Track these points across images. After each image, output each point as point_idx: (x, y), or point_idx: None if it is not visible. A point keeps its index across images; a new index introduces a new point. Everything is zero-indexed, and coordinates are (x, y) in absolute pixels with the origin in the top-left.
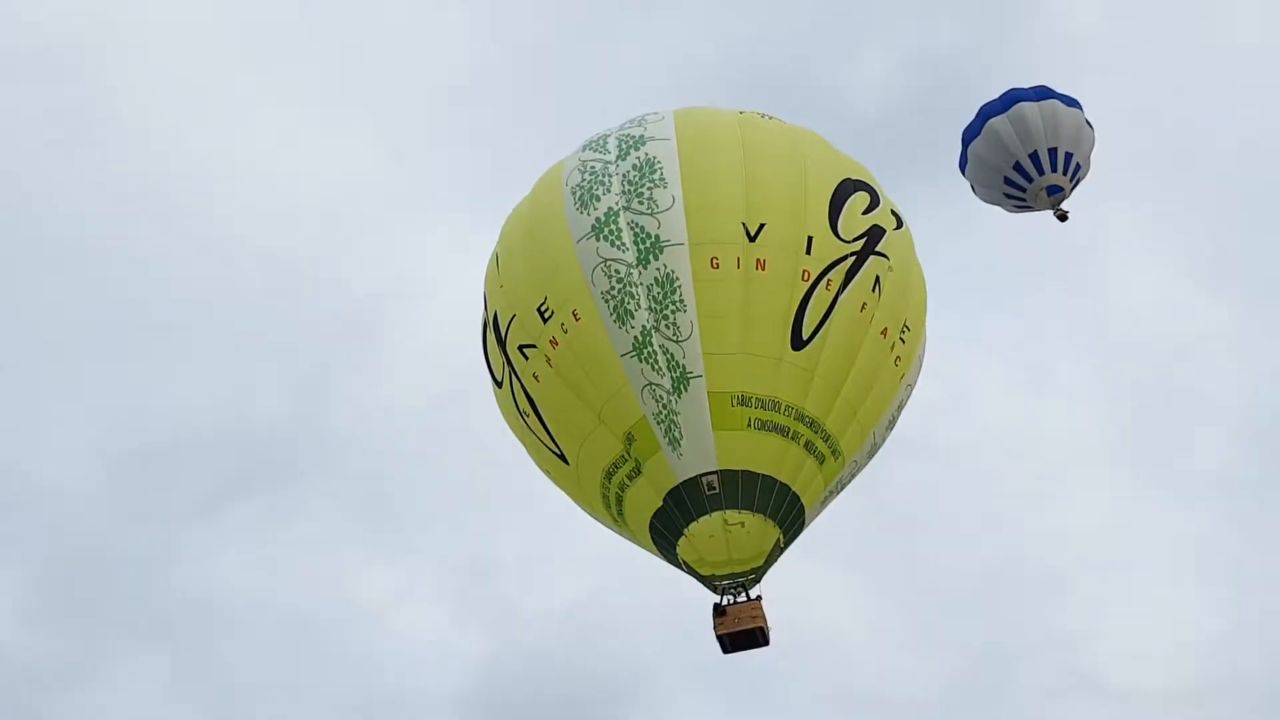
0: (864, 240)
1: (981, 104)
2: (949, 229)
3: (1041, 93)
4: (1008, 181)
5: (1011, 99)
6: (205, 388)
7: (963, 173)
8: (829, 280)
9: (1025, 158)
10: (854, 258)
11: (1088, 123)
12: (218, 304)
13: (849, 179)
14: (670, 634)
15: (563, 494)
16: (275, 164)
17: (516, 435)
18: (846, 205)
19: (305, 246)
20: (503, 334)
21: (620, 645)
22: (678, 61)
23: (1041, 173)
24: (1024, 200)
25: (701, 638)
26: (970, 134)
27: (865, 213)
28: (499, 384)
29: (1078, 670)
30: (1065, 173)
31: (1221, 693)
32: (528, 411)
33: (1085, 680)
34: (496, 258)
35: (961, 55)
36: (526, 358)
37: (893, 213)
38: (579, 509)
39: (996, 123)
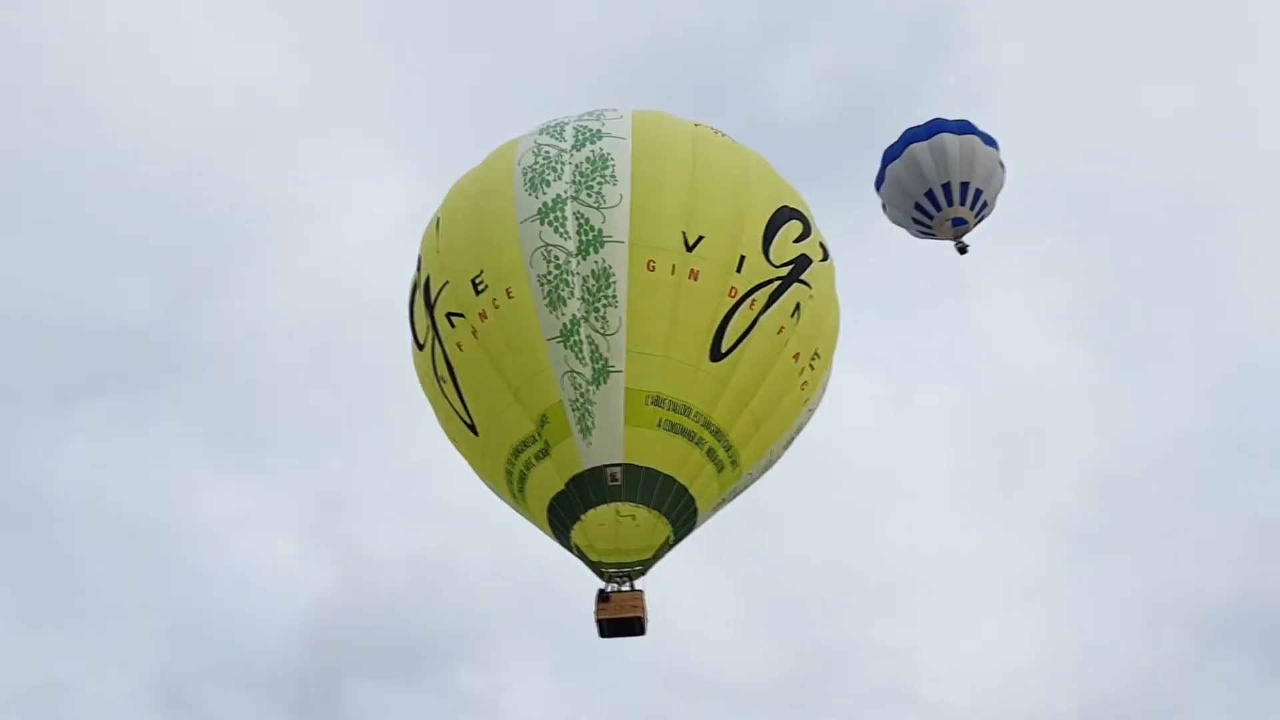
0: (791, 267)
1: (907, 127)
2: (848, 240)
3: (964, 127)
4: (918, 207)
5: (935, 128)
6: (76, 277)
7: (877, 190)
8: (754, 300)
9: (939, 187)
10: (780, 282)
11: (1000, 164)
12: (104, 194)
13: (786, 206)
14: (512, 592)
15: (446, 448)
16: (189, 59)
17: (429, 399)
18: (780, 231)
19: (206, 150)
20: (432, 298)
21: (462, 597)
22: (612, 40)
23: (951, 204)
24: (929, 228)
25: (541, 598)
26: (891, 154)
27: (796, 241)
28: (420, 346)
29: (895, 680)
30: (972, 208)
31: (1024, 716)
32: (445, 378)
33: (900, 691)
34: (437, 222)
35: (886, 75)
36: (453, 325)
37: (821, 244)
38: (476, 479)
39: (918, 148)
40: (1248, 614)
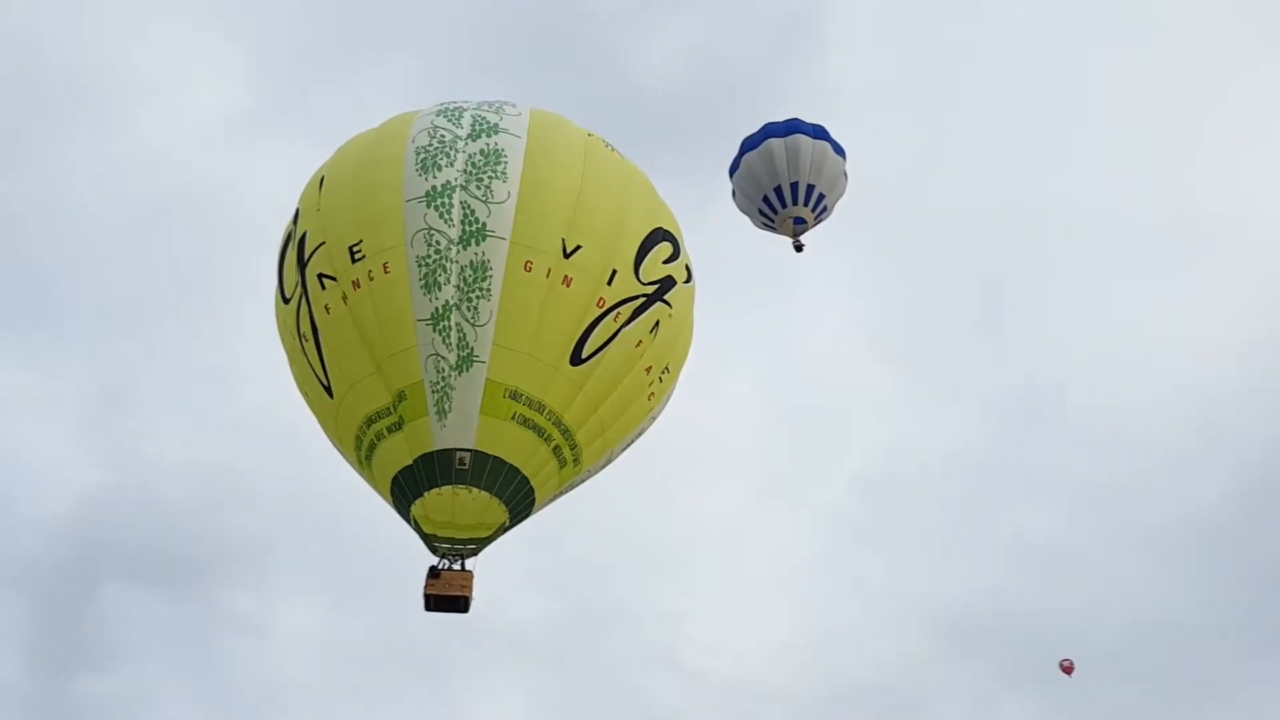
0: (657, 287)
1: (767, 121)
2: (692, 219)
3: (819, 132)
4: (765, 200)
5: (793, 127)
6: None
7: (731, 176)
8: (618, 313)
9: (788, 184)
10: (645, 299)
11: (845, 174)
12: None
13: (660, 228)
14: (296, 518)
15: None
16: None
17: (286, 352)
18: (652, 252)
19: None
20: (306, 256)
21: (242, 515)
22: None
23: (796, 203)
24: (772, 222)
25: (326, 528)
26: (749, 145)
27: (665, 262)
28: (286, 300)
29: (664, 646)
30: (814, 210)
31: (777, 693)
32: (307, 336)
33: (667, 656)
34: (321, 180)
35: (746, 65)
36: (324, 287)
37: (686, 267)
38: (323, 431)
39: (775, 144)
40: (986, 621)
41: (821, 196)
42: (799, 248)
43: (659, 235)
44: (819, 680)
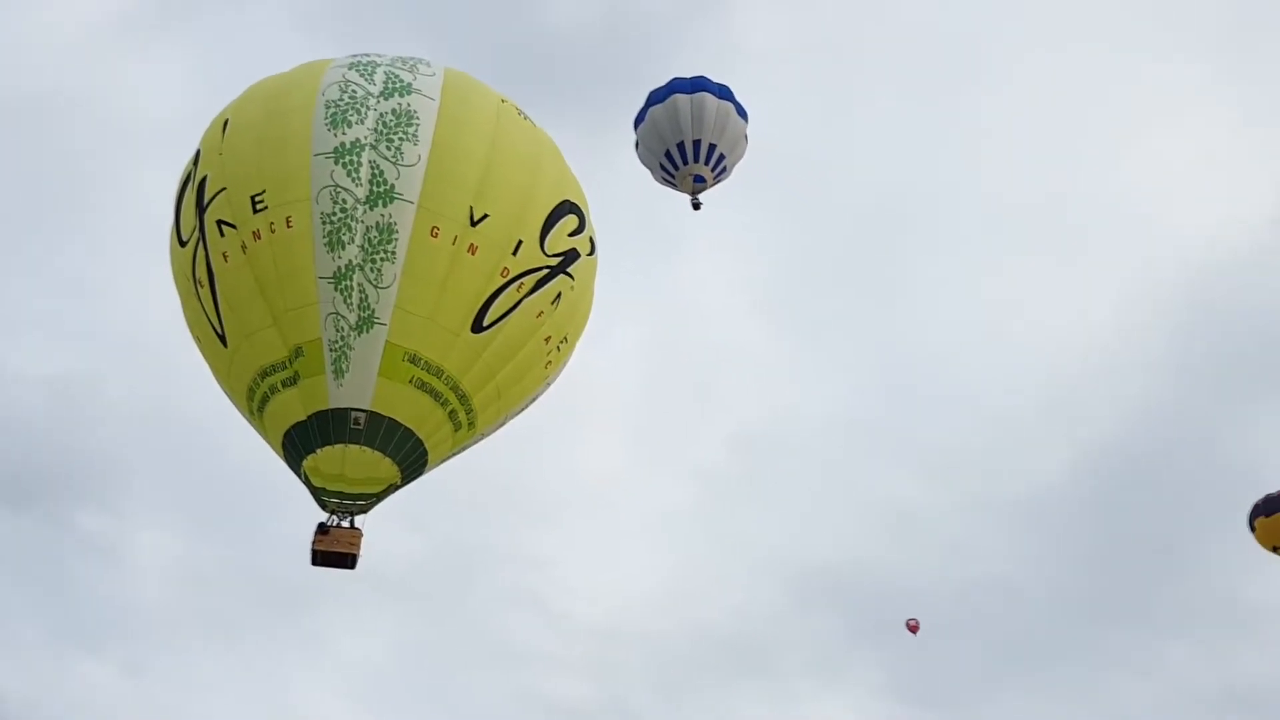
0: (561, 259)
1: (673, 77)
2: (591, 168)
3: (724, 92)
4: (667, 155)
5: (699, 85)
6: None
7: (635, 127)
8: (521, 283)
9: (690, 142)
10: (548, 271)
11: (746, 136)
12: None
13: (568, 200)
14: (155, 439)
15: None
16: None
17: (180, 295)
18: (558, 224)
19: None
20: (205, 200)
21: (99, 433)
22: None
23: (697, 160)
24: (672, 178)
25: (187, 451)
26: (655, 98)
27: (571, 235)
28: (182, 243)
29: (529, 588)
30: (714, 169)
31: (639, 638)
32: (203, 282)
33: (532, 598)
34: (225, 123)
35: (655, 23)
36: (222, 234)
37: (591, 239)
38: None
39: (681, 100)
40: (842, 579)
41: (722, 157)
42: (697, 206)
43: (566, 207)
44: (679, 627)
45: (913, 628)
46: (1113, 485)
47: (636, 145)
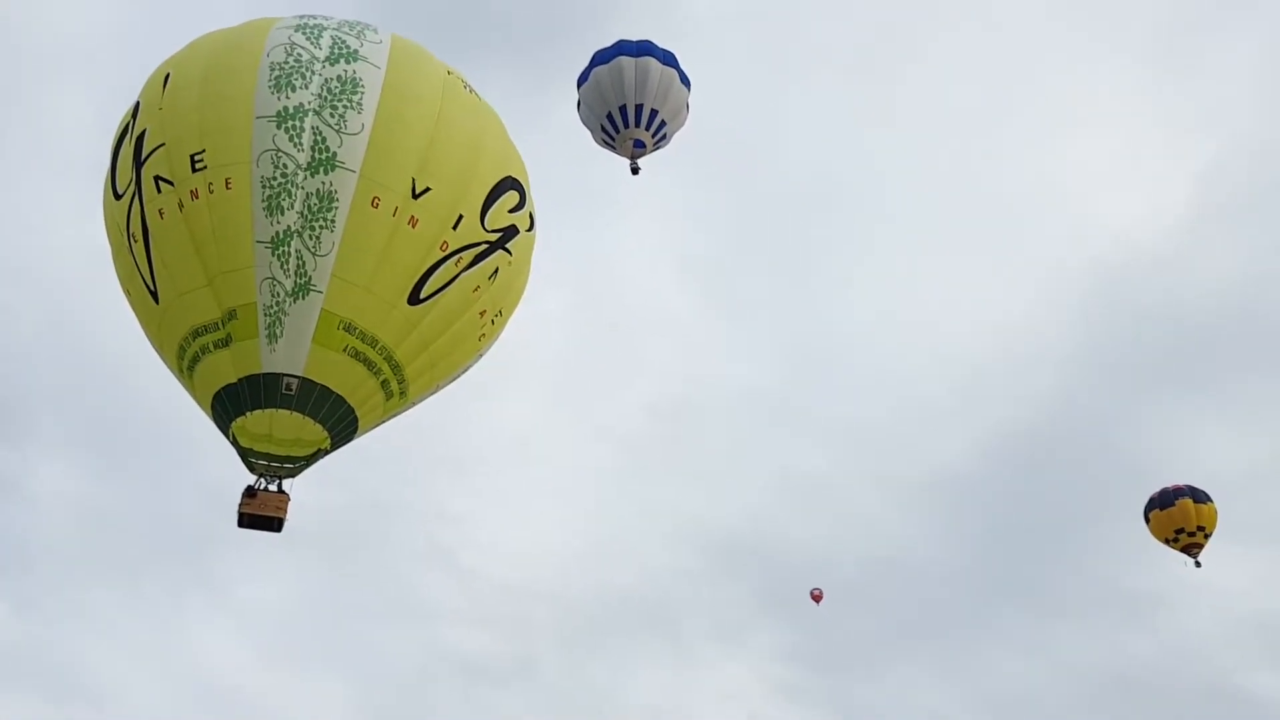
0: (500, 235)
1: (620, 39)
2: (527, 125)
3: (669, 58)
4: (609, 117)
5: (645, 49)
6: None
7: (579, 87)
8: (460, 258)
9: (633, 105)
10: (487, 246)
11: (687, 105)
12: None
13: (510, 177)
14: (60, 371)
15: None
16: None
17: (112, 248)
18: (499, 200)
19: None
20: (143, 155)
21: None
22: None
23: (639, 125)
24: (612, 140)
25: (93, 384)
26: (600, 58)
27: (511, 211)
28: (118, 196)
29: (440, 543)
30: (654, 135)
31: (548, 596)
32: (137, 237)
33: (442, 553)
34: (166, 77)
35: None
36: (159, 191)
37: (530, 215)
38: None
39: (625, 62)
40: (749, 546)
41: (663, 124)
42: (635, 170)
43: (507, 183)
44: (589, 588)
45: (816, 597)
46: (1015, 471)
47: (578, 104)
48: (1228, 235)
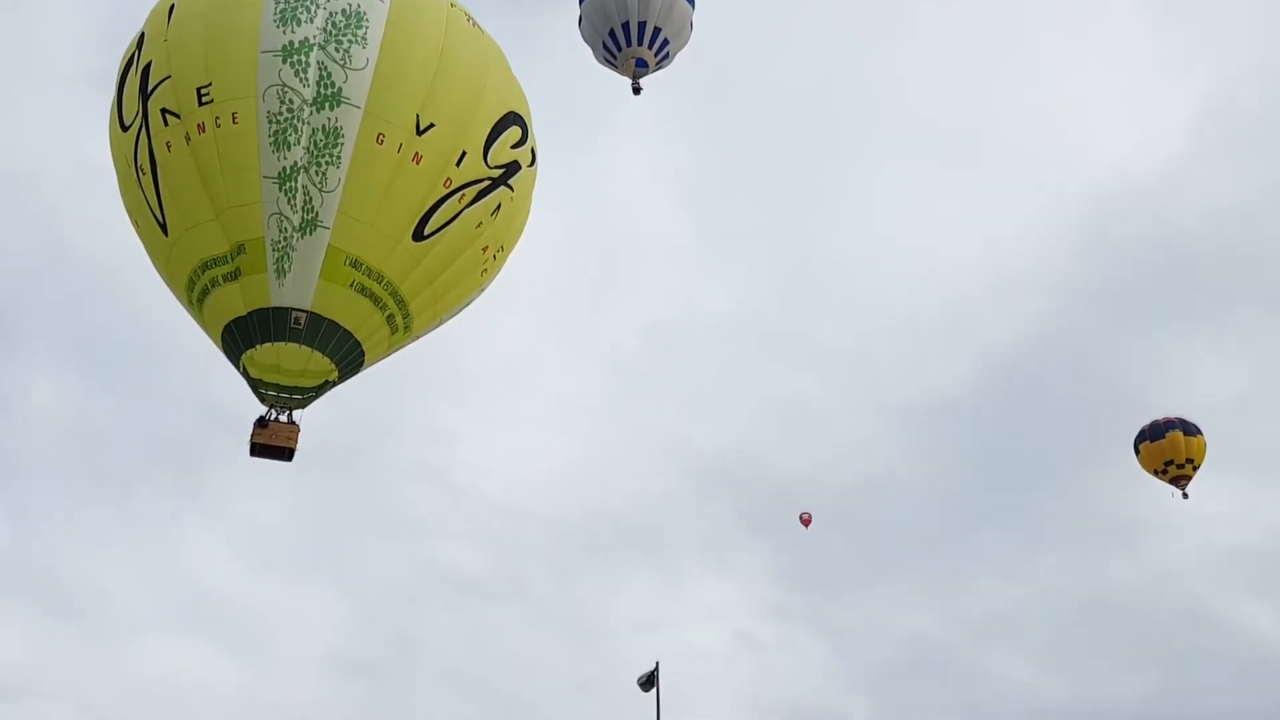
0: (503, 171)
1: None
2: (525, 42)
3: None
4: (611, 34)
5: None
6: None
7: (580, 2)
8: (463, 194)
9: (635, 23)
10: (490, 183)
11: (691, 24)
12: None
13: (512, 112)
14: (52, 286)
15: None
16: None
17: (119, 179)
18: (502, 136)
19: None
20: (150, 87)
21: None
22: None
23: (641, 43)
24: (614, 59)
25: (86, 299)
26: None
27: (514, 146)
28: (125, 127)
29: (433, 462)
30: (656, 54)
31: (538, 515)
32: (145, 169)
33: (435, 472)
34: (171, 8)
35: None
36: (166, 124)
37: (532, 150)
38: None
39: None
40: (734, 468)
41: (666, 42)
42: (637, 90)
43: (510, 119)
44: (577, 507)
45: (805, 521)
46: (1004, 398)
47: (579, 20)
48: (1225, 165)
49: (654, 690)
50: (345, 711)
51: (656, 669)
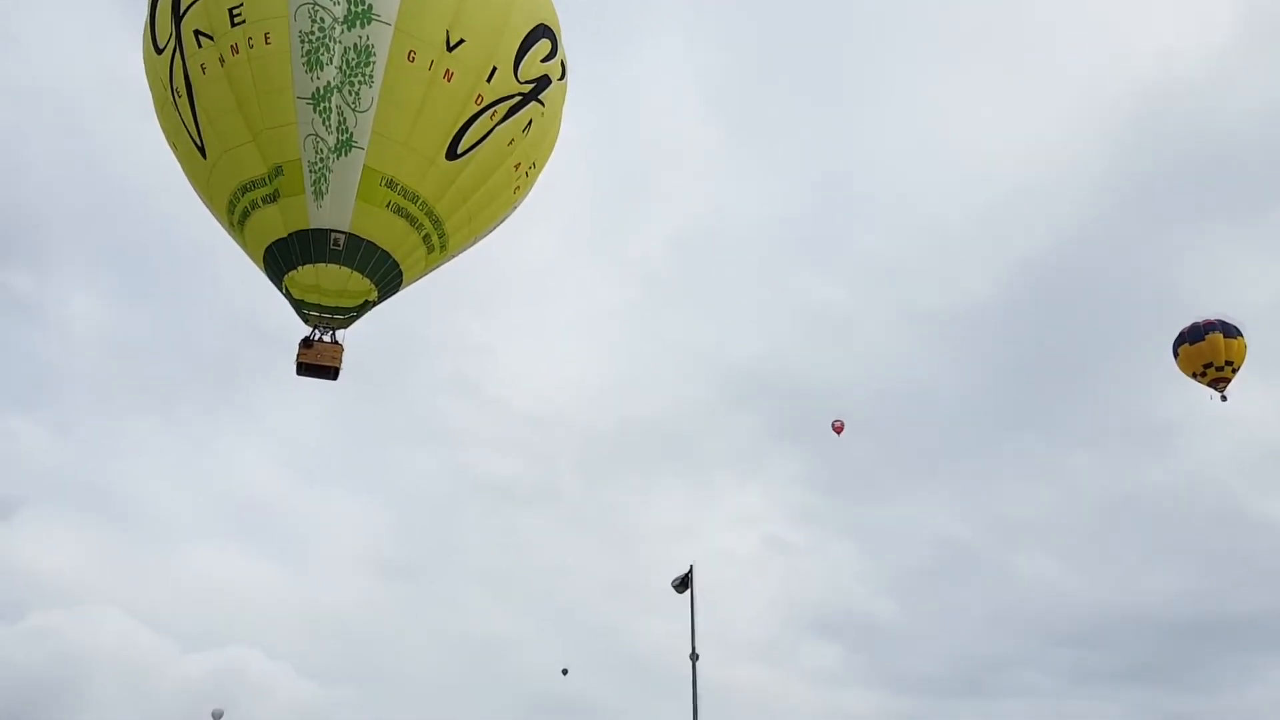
0: (534, 86)
1: None
2: None
3: None
4: None
5: None
6: None
7: None
8: (495, 111)
9: None
10: (520, 98)
11: None
12: None
13: (542, 24)
14: (83, 199)
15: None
16: None
17: (155, 103)
18: (532, 50)
19: None
20: (182, 8)
21: (26, 191)
22: None
23: None
24: None
25: (116, 213)
26: None
27: (544, 60)
28: (159, 50)
29: (465, 374)
30: None
31: (568, 424)
32: (180, 92)
33: (466, 383)
34: None
35: None
36: (200, 45)
37: (562, 64)
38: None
39: None
40: (766, 376)
41: None
42: None
43: (539, 32)
44: (608, 417)
45: (838, 429)
46: (1038, 301)
47: None
48: (1271, 60)
49: (689, 592)
50: (386, 611)
51: (690, 571)
